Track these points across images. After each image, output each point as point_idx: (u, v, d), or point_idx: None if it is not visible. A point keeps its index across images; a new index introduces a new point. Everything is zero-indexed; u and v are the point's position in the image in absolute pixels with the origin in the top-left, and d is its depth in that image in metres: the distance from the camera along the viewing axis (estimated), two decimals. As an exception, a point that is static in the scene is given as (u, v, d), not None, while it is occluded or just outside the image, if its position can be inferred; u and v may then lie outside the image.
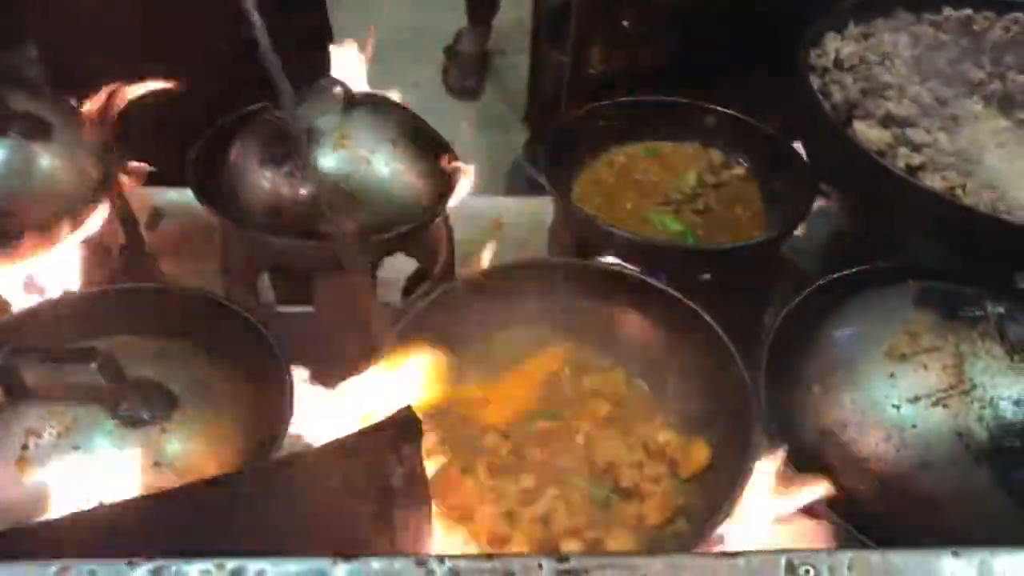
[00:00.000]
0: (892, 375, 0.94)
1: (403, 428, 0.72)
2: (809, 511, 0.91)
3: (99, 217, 1.27)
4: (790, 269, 1.41)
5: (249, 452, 0.91)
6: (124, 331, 0.95)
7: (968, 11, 1.35)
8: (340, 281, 1.17)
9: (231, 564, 0.59)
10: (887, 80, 1.25)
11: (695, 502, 0.95)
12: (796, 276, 1.34)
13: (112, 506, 0.66)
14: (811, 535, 0.94)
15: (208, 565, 0.58)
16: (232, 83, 1.26)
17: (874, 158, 1.10)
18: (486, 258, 1.18)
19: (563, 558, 0.60)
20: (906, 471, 0.91)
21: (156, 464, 0.86)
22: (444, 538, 0.89)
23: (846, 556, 0.61)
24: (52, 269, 1.19)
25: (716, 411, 1.00)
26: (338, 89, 1.18)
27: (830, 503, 0.90)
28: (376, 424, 0.72)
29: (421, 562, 0.60)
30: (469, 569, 0.59)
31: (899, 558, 0.62)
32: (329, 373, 0.96)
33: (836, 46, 1.30)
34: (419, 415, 0.73)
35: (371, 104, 1.24)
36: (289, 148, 1.16)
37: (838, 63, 1.28)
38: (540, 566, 0.60)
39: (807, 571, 0.60)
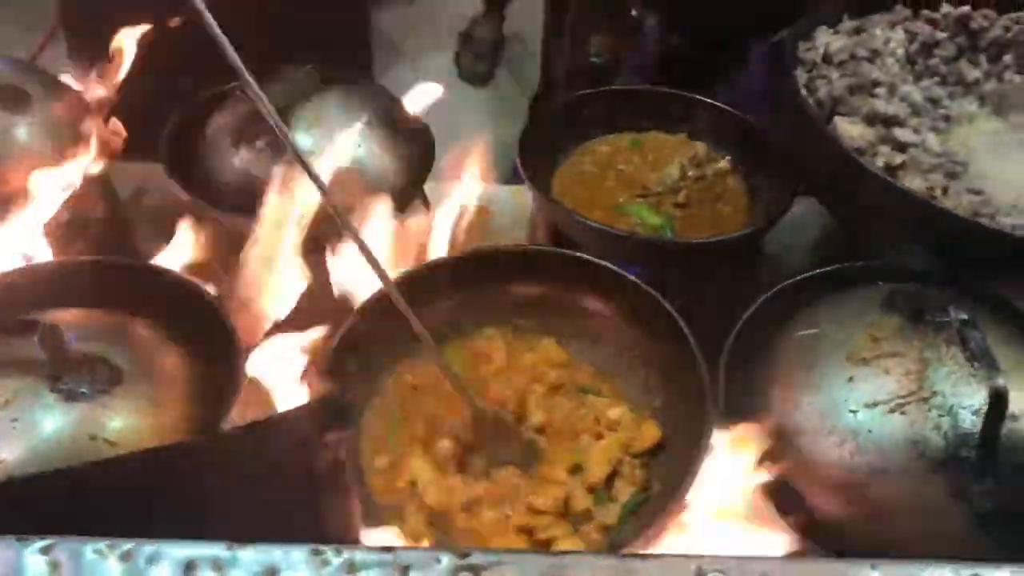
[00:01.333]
0: (851, 379, 0.92)
1: (331, 412, 0.71)
2: (760, 516, 0.89)
3: (78, 189, 1.27)
4: (776, 266, 1.39)
5: (193, 429, 0.90)
6: (73, 304, 0.95)
7: (966, 8, 1.31)
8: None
9: (126, 546, 0.58)
10: (877, 77, 1.22)
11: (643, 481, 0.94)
12: (781, 272, 1.31)
13: (13, 480, 0.66)
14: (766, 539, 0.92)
15: (101, 545, 0.58)
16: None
17: (851, 155, 1.07)
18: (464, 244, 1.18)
19: (464, 553, 0.59)
20: (859, 478, 0.88)
21: (92, 438, 0.85)
22: (384, 525, 0.88)
23: (758, 565, 0.59)
24: (26, 240, 1.19)
25: (670, 397, 0.99)
26: (311, 69, 1.17)
27: (782, 508, 0.88)
28: (302, 406, 0.71)
29: (318, 551, 0.58)
30: (366, 561, 0.58)
31: (814, 569, 0.60)
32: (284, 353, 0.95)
33: (827, 40, 1.27)
34: (350, 400, 0.72)
35: (347, 85, 1.22)
36: (262, 127, 1.15)
37: (827, 58, 1.24)
38: (439, 560, 0.58)
39: (717, 577, 0.58)
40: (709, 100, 1.36)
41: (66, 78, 1.29)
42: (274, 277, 1.05)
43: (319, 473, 0.73)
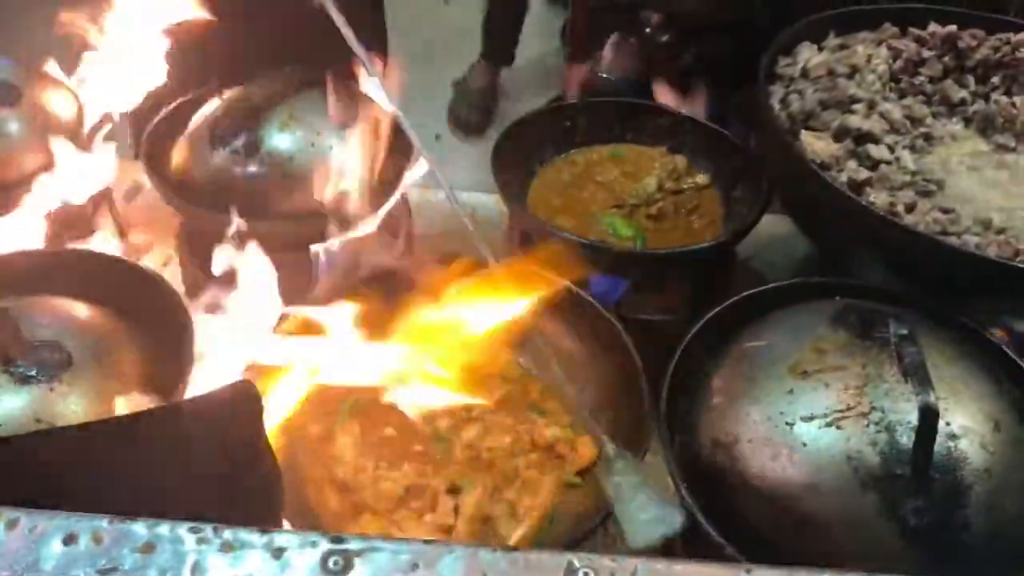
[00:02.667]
0: (791, 391, 0.91)
1: (240, 400, 0.73)
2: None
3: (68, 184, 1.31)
4: (759, 282, 1.38)
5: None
6: (23, 292, 0.97)
7: (954, 28, 1.30)
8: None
9: (13, 515, 0.60)
10: (855, 94, 1.21)
11: (577, 499, 0.94)
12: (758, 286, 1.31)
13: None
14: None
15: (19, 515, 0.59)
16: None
17: (813, 169, 1.06)
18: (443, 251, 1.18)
19: (338, 538, 0.59)
20: (791, 491, 0.87)
21: (37, 420, 0.88)
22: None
23: (632, 563, 0.59)
24: (14, 231, 1.23)
25: (617, 412, 0.99)
26: (289, 70, 1.19)
27: (711, 518, 0.88)
28: (212, 392, 0.73)
29: (196, 529, 0.60)
30: (241, 540, 0.59)
31: (690, 570, 0.60)
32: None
33: (807, 56, 1.27)
34: (258, 389, 0.73)
35: (329, 87, 1.24)
36: (237, 126, 1.18)
37: (805, 73, 1.24)
38: (314, 544, 0.59)
39: (587, 574, 0.59)
40: (690, 115, 1.36)
41: (53, 71, 1.32)
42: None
43: (235, 456, 0.75)
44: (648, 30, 2.30)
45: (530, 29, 3.29)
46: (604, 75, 2.44)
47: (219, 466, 0.74)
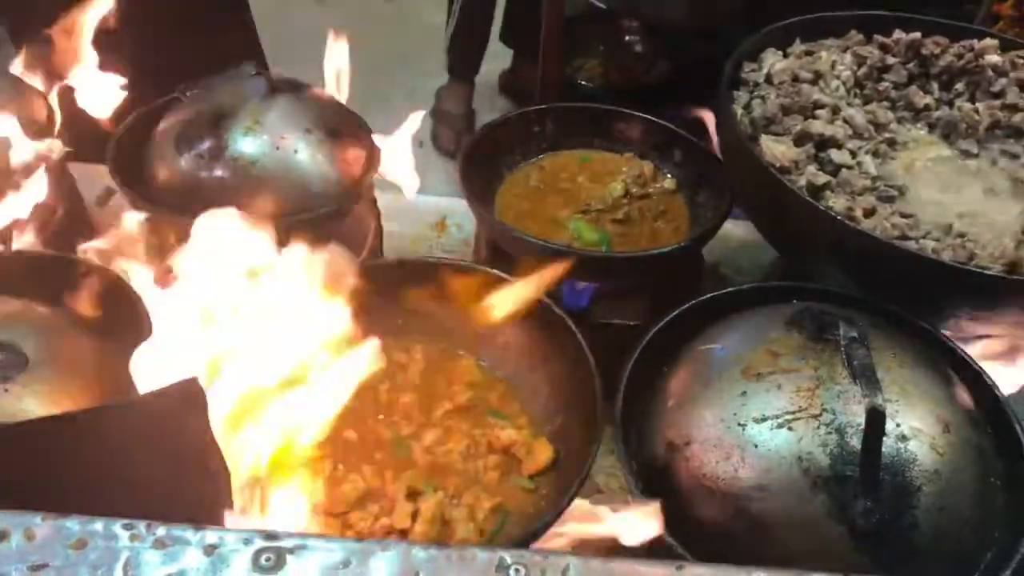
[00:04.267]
0: (744, 393, 0.92)
1: (185, 398, 0.73)
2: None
3: (39, 188, 1.31)
4: (722, 284, 1.39)
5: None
6: (-12, 295, 0.98)
7: (918, 35, 1.31)
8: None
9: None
10: (819, 99, 1.22)
11: (531, 500, 0.94)
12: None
13: None
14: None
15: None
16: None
17: (772, 173, 1.07)
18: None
19: (272, 536, 0.60)
20: (742, 491, 0.88)
21: (-9, 421, 0.88)
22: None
23: (564, 560, 0.60)
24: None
25: (568, 415, 0.99)
26: (255, 74, 1.20)
27: (664, 518, 0.88)
28: (158, 391, 0.73)
29: (130, 526, 0.60)
30: (174, 537, 0.60)
31: (622, 568, 0.60)
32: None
33: (772, 61, 1.28)
34: (202, 387, 0.73)
35: (293, 92, 1.25)
36: (203, 131, 1.18)
37: (769, 78, 1.25)
38: (247, 541, 0.59)
39: (518, 571, 0.59)
40: (657, 120, 1.37)
41: (21, 75, 1.32)
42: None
43: (182, 453, 0.75)
44: (626, 38, 2.33)
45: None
46: (582, 82, 2.46)
47: (166, 463, 0.75)
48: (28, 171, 1.29)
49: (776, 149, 1.11)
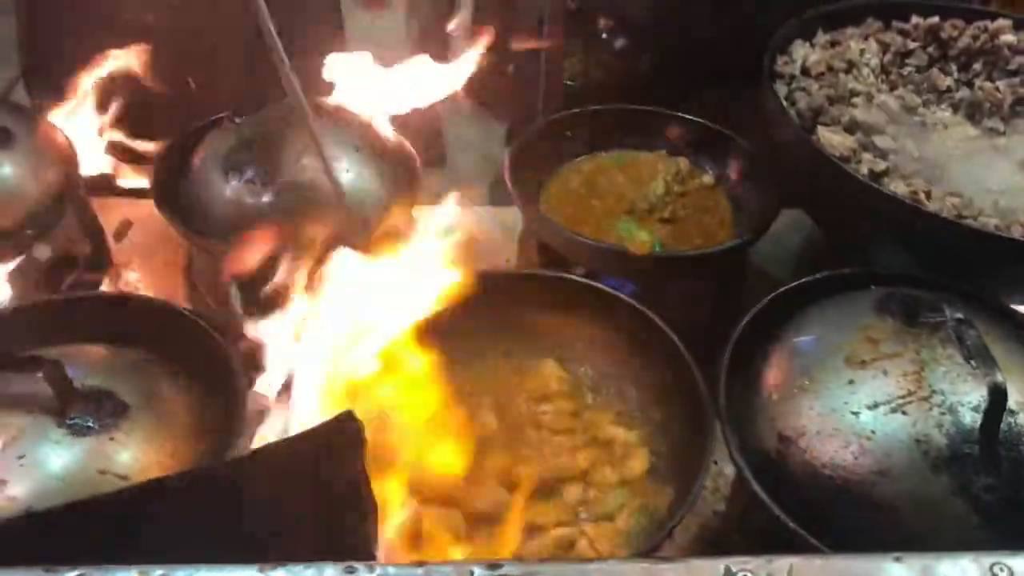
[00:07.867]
0: (851, 381, 0.93)
1: (342, 433, 0.71)
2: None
3: (63, 227, 1.27)
4: (761, 276, 1.41)
5: (202, 458, 0.90)
6: (75, 340, 0.94)
7: (936, 19, 1.35)
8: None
9: (156, 572, 0.58)
10: (854, 87, 1.25)
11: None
12: (767, 283, 1.33)
13: (36, 513, 0.65)
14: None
15: (133, 572, 0.57)
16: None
17: (837, 163, 1.09)
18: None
19: (495, 565, 0.59)
20: (864, 478, 0.89)
21: (102, 473, 0.85)
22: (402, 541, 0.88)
23: (786, 562, 0.60)
24: (12, 278, 1.18)
25: (670, 411, 1.00)
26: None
27: (787, 510, 0.89)
28: (314, 428, 0.71)
29: (351, 569, 0.58)
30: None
31: (841, 563, 0.61)
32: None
33: (804, 53, 1.30)
34: (360, 421, 0.72)
35: (337, 115, 1.23)
36: (250, 157, 1.15)
37: (805, 70, 1.27)
38: (471, 572, 0.58)
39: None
40: (689, 117, 1.38)
41: (47, 114, 1.28)
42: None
43: (335, 492, 0.73)
44: (604, 35, 2.33)
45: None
46: (567, 82, 2.46)
47: (316, 505, 0.73)
48: (55, 209, 1.25)
49: (833, 139, 1.13)
